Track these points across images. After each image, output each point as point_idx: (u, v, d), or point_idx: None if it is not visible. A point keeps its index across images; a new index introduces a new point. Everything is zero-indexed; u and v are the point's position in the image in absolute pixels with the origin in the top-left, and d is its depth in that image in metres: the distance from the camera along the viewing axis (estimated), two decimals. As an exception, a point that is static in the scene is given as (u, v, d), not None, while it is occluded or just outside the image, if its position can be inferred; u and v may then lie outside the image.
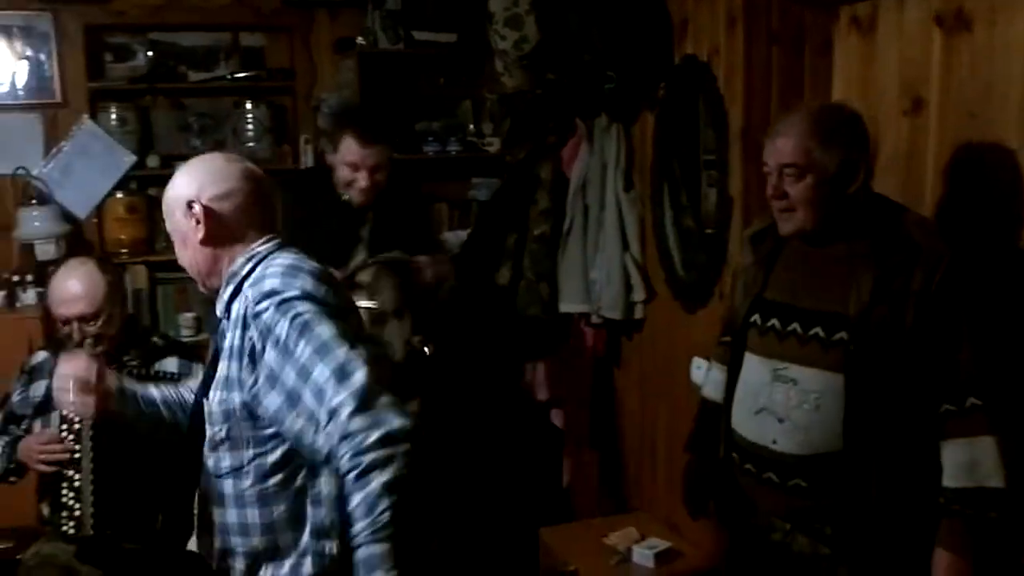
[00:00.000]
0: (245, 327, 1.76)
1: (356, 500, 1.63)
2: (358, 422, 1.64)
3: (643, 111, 3.34)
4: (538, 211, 3.57)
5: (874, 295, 1.89)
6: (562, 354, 3.65)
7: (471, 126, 4.48)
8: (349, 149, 2.98)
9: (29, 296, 3.86)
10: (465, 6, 4.08)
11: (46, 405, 2.73)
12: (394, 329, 2.92)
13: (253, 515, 1.81)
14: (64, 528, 2.69)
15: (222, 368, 1.82)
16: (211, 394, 1.84)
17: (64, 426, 2.65)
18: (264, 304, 1.74)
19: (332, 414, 1.65)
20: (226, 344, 1.81)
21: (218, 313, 1.89)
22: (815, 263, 2.03)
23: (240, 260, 1.85)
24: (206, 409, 1.86)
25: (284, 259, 1.83)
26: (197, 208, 1.82)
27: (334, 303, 1.78)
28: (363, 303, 2.81)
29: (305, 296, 1.75)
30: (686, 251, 3.14)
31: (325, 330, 1.71)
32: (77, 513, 2.67)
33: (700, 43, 2.97)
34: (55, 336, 2.94)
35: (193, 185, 1.85)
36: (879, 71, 2.42)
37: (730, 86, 2.81)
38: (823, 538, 2.00)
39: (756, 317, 2.10)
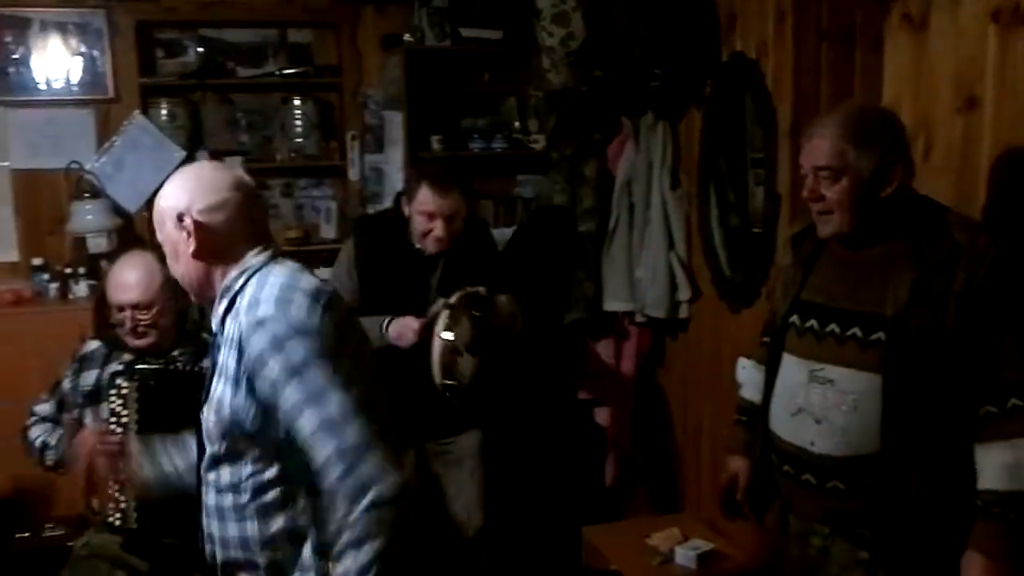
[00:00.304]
0: (240, 352, 1.71)
1: (347, 563, 1.63)
2: (348, 486, 1.62)
3: (690, 108, 3.32)
4: (583, 209, 3.56)
5: (913, 296, 1.86)
6: (606, 353, 3.64)
7: (516, 123, 4.47)
8: (425, 198, 2.95)
9: (81, 288, 3.93)
10: (512, 3, 4.08)
11: (96, 394, 2.78)
12: (467, 364, 2.92)
13: (252, 529, 1.79)
14: (111, 520, 2.73)
15: (216, 387, 1.78)
16: (206, 412, 1.81)
17: (113, 419, 2.69)
18: (257, 336, 1.69)
19: (321, 470, 1.64)
20: (220, 362, 1.78)
21: (213, 328, 1.85)
22: (853, 265, 2.00)
23: (233, 274, 1.80)
24: (204, 426, 1.83)
25: (279, 275, 1.77)
26: (188, 221, 1.76)
27: (328, 331, 1.70)
28: (443, 334, 2.82)
29: (297, 332, 1.68)
30: (732, 250, 3.11)
31: (316, 376, 1.66)
32: (123, 505, 2.71)
33: (748, 40, 2.94)
34: (107, 325, 2.99)
35: (184, 197, 1.79)
36: (932, 68, 2.37)
37: (779, 84, 2.78)
38: (861, 542, 1.97)
39: (795, 318, 2.08)
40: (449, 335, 2.83)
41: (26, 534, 3.50)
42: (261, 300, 1.72)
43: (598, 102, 3.49)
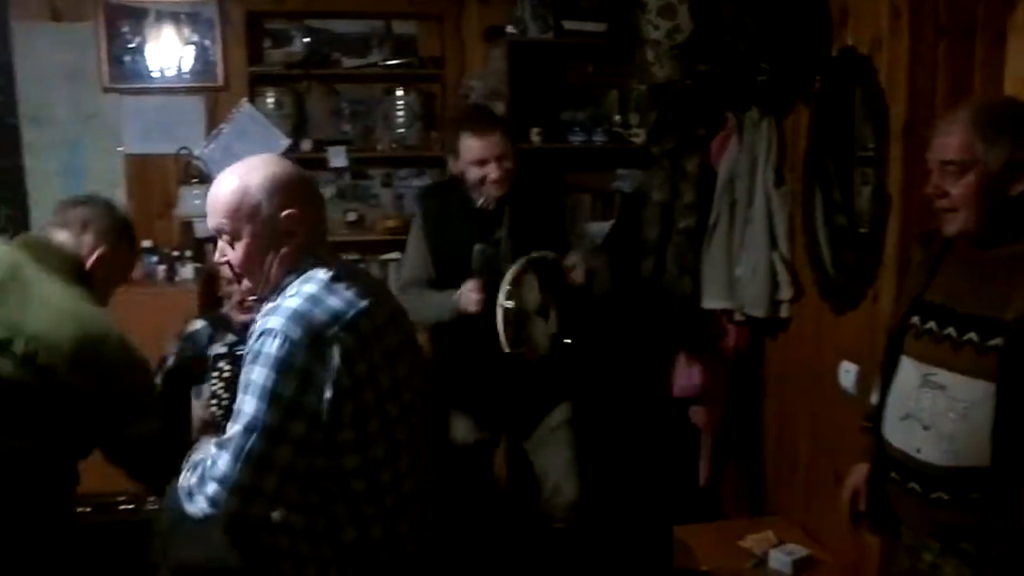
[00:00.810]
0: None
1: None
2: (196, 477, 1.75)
3: (796, 104, 3.25)
4: (683, 204, 3.52)
5: None
6: (702, 351, 3.59)
7: (617, 116, 4.44)
8: (469, 148, 2.97)
9: (187, 270, 4.04)
10: (615, -4, 4.06)
11: (199, 374, 2.84)
12: (539, 327, 2.92)
13: None
14: None
15: None
16: None
17: (214, 401, 2.74)
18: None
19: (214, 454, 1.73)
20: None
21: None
22: (978, 265, 1.93)
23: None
24: None
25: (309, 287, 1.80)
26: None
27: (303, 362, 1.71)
28: (504, 302, 2.83)
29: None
30: (837, 250, 3.04)
31: (261, 375, 1.70)
32: None
33: (861, 35, 2.86)
34: (214, 305, 3.07)
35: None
36: (1059, 66, 2.28)
37: (892, 80, 2.70)
38: (967, 558, 1.90)
39: (915, 319, 2.01)
40: (509, 303, 2.83)
41: (130, 506, 3.62)
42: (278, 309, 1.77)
43: (702, 96, 3.44)
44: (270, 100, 4.30)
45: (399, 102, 4.35)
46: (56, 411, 1.92)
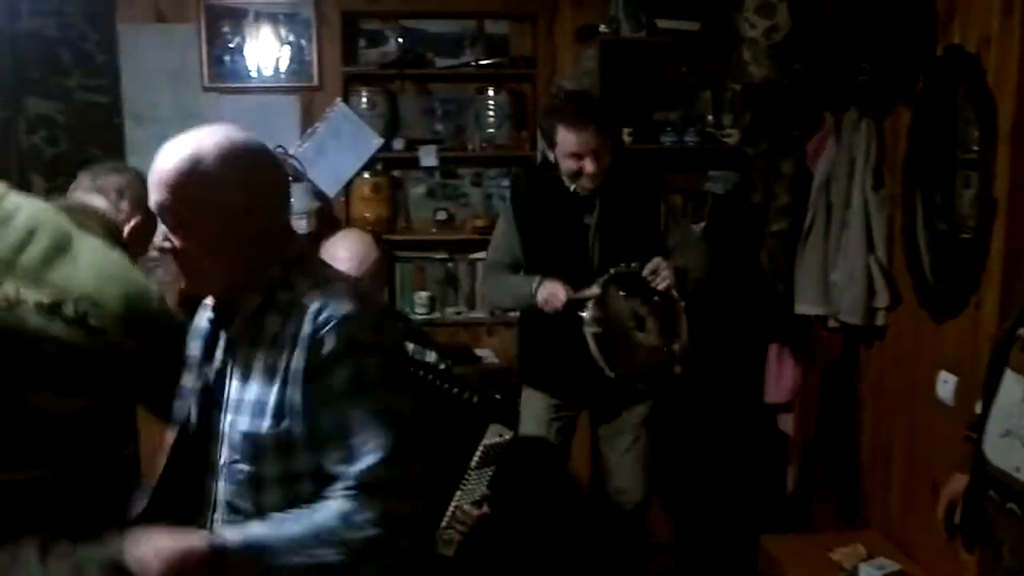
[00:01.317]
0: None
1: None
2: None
3: (897, 105, 3.15)
4: (777, 207, 3.44)
5: None
6: (794, 357, 3.51)
7: (710, 117, 4.37)
8: (565, 140, 2.99)
9: (281, 268, 4.11)
10: (711, -6, 3.99)
11: None
12: (637, 340, 2.91)
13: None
14: None
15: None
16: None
17: None
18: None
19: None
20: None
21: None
22: None
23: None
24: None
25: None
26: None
27: None
28: (589, 328, 2.81)
29: None
30: (938, 256, 2.93)
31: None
32: None
33: (969, 33, 2.76)
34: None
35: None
36: None
37: (1001, 80, 2.59)
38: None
39: (1022, 330, 1.92)
40: (594, 328, 2.81)
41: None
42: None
43: (799, 96, 3.37)
44: (363, 100, 4.34)
45: (490, 102, 4.35)
46: (108, 371, 1.86)
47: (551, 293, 2.93)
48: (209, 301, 1.74)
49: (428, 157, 4.30)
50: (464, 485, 2.50)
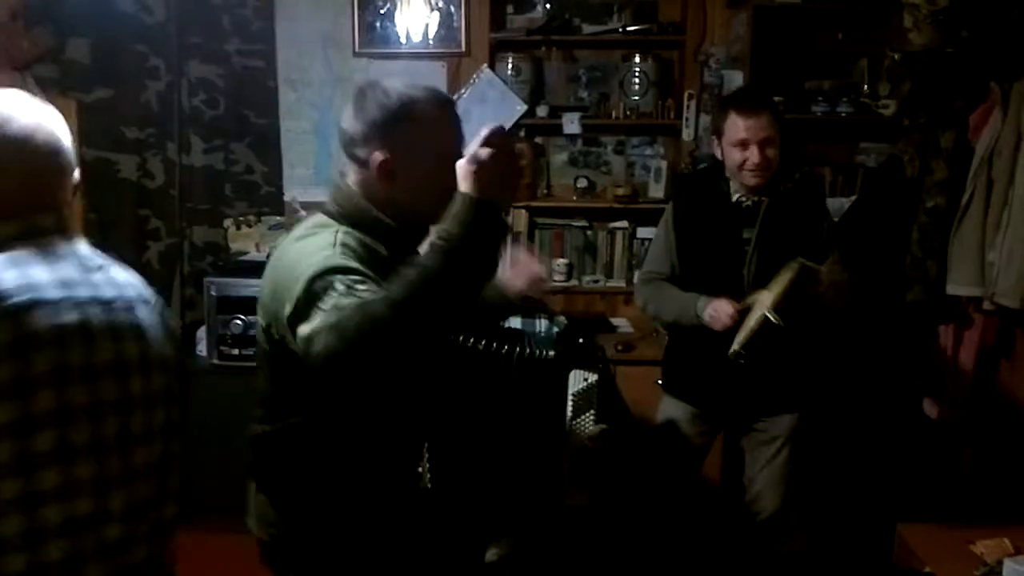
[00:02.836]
0: None
1: None
2: None
3: (1073, 75, 2.95)
4: (933, 182, 3.28)
5: None
6: (944, 339, 3.35)
7: (865, 86, 4.18)
8: (734, 126, 2.86)
9: (423, 231, 4.18)
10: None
11: None
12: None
13: None
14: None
15: None
16: None
17: None
18: None
19: None
20: None
21: None
22: None
23: None
24: None
25: None
26: None
27: None
28: (773, 317, 2.71)
29: None
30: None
31: None
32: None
33: None
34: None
35: None
36: None
37: None
38: None
39: None
40: (776, 318, 2.70)
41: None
42: None
43: (963, 65, 3.19)
44: (509, 66, 4.36)
45: (636, 69, 4.29)
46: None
47: (718, 310, 2.85)
48: None
49: (571, 124, 4.28)
50: (570, 437, 2.54)
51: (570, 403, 2.53)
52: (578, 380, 2.56)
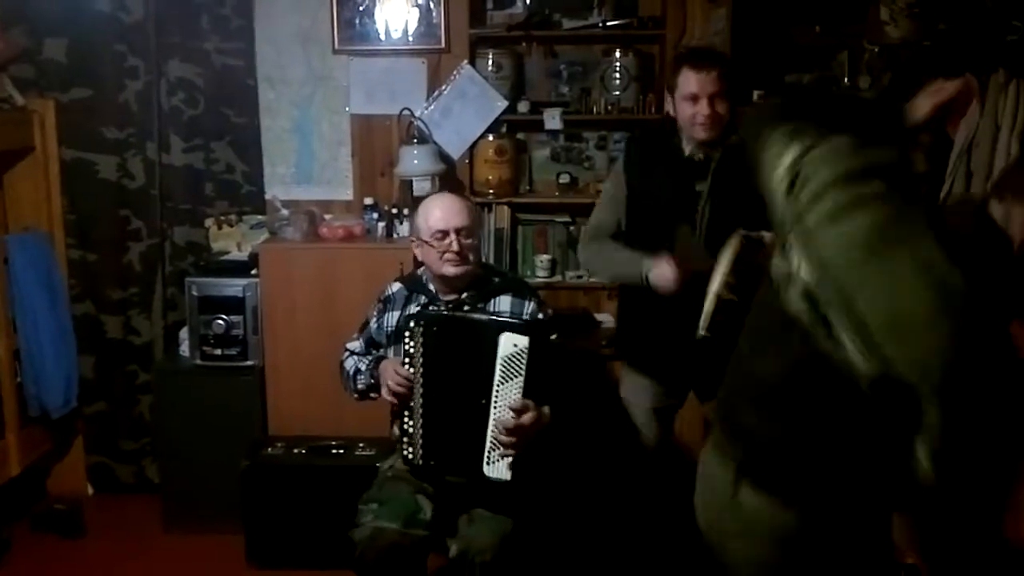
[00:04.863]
0: None
1: None
2: None
3: (1050, 67, 2.95)
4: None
5: None
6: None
7: (845, 79, 4.19)
8: (686, 80, 2.96)
9: (404, 228, 4.17)
10: (850, -50, 3.81)
11: (398, 335, 2.94)
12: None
13: None
14: (405, 452, 2.90)
15: None
16: None
17: (407, 359, 2.83)
18: None
19: None
20: None
21: None
22: None
23: None
24: None
25: None
26: None
27: None
28: (724, 293, 2.69)
29: None
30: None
31: None
32: (412, 440, 2.86)
33: None
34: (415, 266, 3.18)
35: None
36: None
37: None
38: None
39: None
40: (729, 295, 2.70)
41: (341, 451, 3.82)
42: None
43: (941, 58, 3.19)
44: (490, 62, 4.35)
45: (617, 64, 4.29)
46: None
47: (666, 271, 2.88)
48: None
49: (553, 120, 4.27)
50: (496, 402, 2.67)
51: (499, 368, 2.67)
52: (508, 345, 2.66)
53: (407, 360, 2.81)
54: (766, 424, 1.85)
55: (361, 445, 3.79)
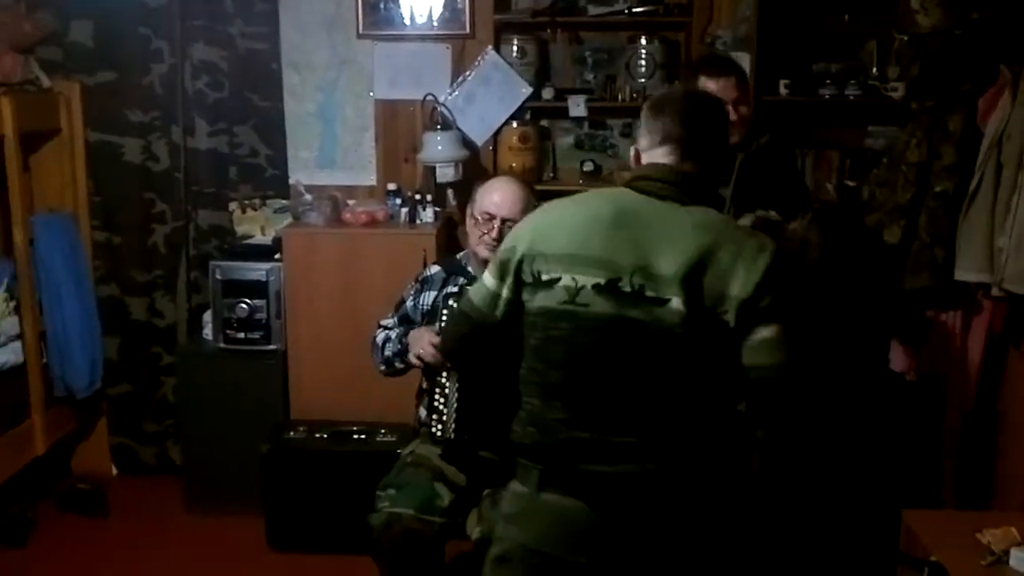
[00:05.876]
0: None
1: None
2: None
3: (1085, 58, 2.91)
4: (942, 166, 3.24)
5: None
6: (952, 326, 3.33)
7: (874, 69, 4.14)
8: (705, 88, 2.92)
9: (427, 214, 4.17)
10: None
11: (433, 314, 2.98)
12: None
13: None
14: (433, 430, 2.91)
15: None
16: None
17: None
18: None
19: None
20: None
21: None
22: None
23: None
24: None
25: None
26: None
27: None
28: None
29: None
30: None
31: None
32: (443, 416, 2.87)
33: None
34: (453, 250, 3.19)
35: None
36: None
37: None
38: None
39: None
40: None
41: (362, 436, 3.84)
42: None
43: (973, 47, 3.15)
44: (514, 48, 4.33)
45: (642, 51, 4.26)
46: None
47: None
48: None
49: (577, 107, 4.25)
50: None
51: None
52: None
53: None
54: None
55: (383, 431, 3.81)
